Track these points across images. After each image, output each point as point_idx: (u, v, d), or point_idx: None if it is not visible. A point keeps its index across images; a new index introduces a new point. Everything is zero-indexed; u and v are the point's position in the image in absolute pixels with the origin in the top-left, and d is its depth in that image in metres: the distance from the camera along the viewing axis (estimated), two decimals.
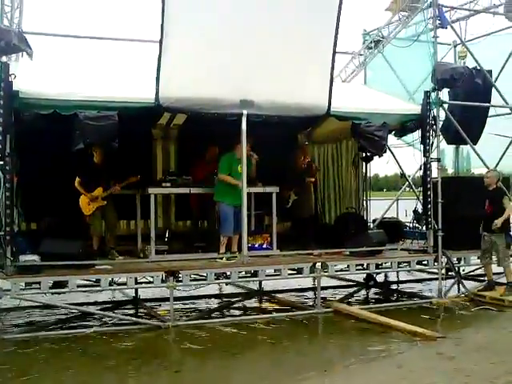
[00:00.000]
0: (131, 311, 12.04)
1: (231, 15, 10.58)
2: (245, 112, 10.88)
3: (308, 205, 13.46)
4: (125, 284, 10.65)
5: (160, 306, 12.11)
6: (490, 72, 13.61)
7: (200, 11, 10.39)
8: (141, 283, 11.13)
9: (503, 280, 12.31)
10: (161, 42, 10.18)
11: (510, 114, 14.23)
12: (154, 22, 10.22)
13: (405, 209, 15.48)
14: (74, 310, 11.27)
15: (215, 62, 10.55)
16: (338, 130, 14.54)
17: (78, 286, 10.37)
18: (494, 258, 12.24)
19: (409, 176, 14.22)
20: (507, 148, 14.48)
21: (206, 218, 13.29)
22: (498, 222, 11.75)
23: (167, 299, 10.74)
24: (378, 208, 15.74)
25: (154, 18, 10.26)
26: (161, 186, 12.02)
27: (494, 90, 13.67)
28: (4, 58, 10.29)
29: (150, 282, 10.79)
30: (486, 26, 14.99)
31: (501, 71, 14.42)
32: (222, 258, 11.39)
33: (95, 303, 12.36)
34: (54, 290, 10.17)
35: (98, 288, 10.53)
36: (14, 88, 9.75)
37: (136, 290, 12.26)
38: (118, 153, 10.72)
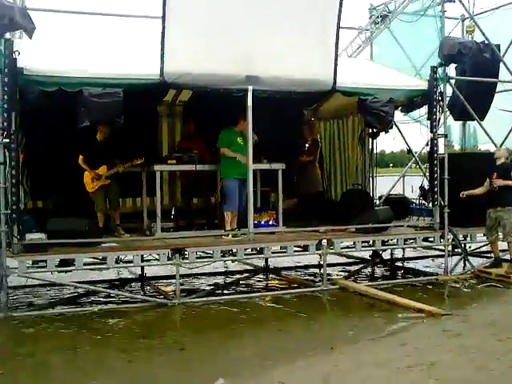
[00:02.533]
0: (137, 289, 12.08)
1: None
2: (250, 87, 10.82)
3: (314, 181, 13.40)
4: (131, 262, 10.69)
5: (168, 283, 12.11)
6: (498, 46, 13.42)
7: None
8: (147, 261, 11.18)
9: (509, 256, 12.27)
10: (163, 17, 10.11)
11: None
12: None
13: (411, 185, 15.39)
14: (80, 289, 11.33)
15: (220, 38, 10.50)
16: (344, 106, 14.48)
17: (85, 264, 10.36)
18: (501, 234, 12.20)
19: (415, 152, 14.15)
20: None
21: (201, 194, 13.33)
22: (498, 181, 11.67)
23: (173, 277, 10.77)
24: (384, 184, 15.68)
25: None
26: (166, 162, 11.98)
27: (502, 64, 13.51)
28: (8, 35, 10.21)
29: (156, 260, 10.81)
30: (494, 0, 14.79)
31: (509, 46, 14.25)
32: (228, 235, 11.38)
33: (102, 281, 12.37)
34: (60, 268, 10.20)
35: (104, 266, 10.52)
36: (18, 65, 9.68)
37: (142, 268, 12.29)
38: (123, 130, 10.69)
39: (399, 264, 14.62)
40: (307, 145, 13.38)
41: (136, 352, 8.07)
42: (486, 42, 13.15)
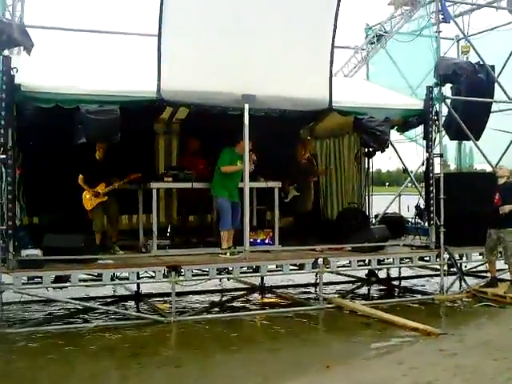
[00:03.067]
0: (133, 306, 12.04)
1: (232, 9, 10.58)
2: (246, 106, 10.84)
3: (308, 200, 13.43)
4: (127, 279, 10.66)
5: (164, 301, 12.10)
6: (492, 67, 13.53)
7: (200, 4, 10.41)
8: (143, 278, 11.15)
9: (505, 276, 12.28)
10: (159, 35, 10.18)
11: None
12: (154, 15, 10.20)
13: (407, 204, 15.43)
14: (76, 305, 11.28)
15: (217, 56, 10.57)
16: (340, 125, 14.51)
17: (80, 281, 10.36)
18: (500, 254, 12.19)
19: (411, 171, 14.21)
20: (510, 144, 14.44)
21: (197, 212, 13.33)
22: (507, 207, 11.61)
23: (169, 294, 10.73)
24: (380, 203, 15.72)
25: (153, 11, 10.24)
26: (163, 180, 11.99)
27: (496, 85, 13.60)
28: (6, 52, 10.25)
29: (152, 277, 10.79)
30: (489, 21, 14.94)
31: (504, 66, 14.39)
32: (225, 254, 11.36)
33: (97, 298, 12.35)
34: (56, 285, 10.17)
35: (100, 282, 10.51)
36: (15, 82, 9.72)
37: (138, 285, 12.27)
38: (119, 147, 10.71)
39: (395, 283, 14.59)
40: (306, 164, 13.43)
41: (131, 369, 8.04)
42: (481, 62, 13.25)
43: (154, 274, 10.62)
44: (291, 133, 14.70)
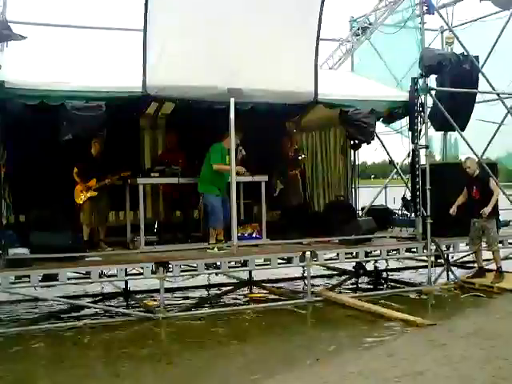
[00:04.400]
0: (122, 303, 12.02)
1: (217, 3, 10.56)
2: (232, 100, 10.82)
3: (296, 193, 13.45)
4: (115, 276, 10.63)
5: (152, 297, 12.09)
6: (477, 58, 13.58)
7: (184, 2, 10.41)
8: (131, 275, 11.12)
9: (493, 266, 12.36)
10: (145, 30, 10.13)
11: (497, 100, 14.22)
12: (139, 10, 10.16)
13: (393, 196, 15.48)
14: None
15: (202, 51, 10.54)
16: (326, 118, 14.50)
17: (69, 279, 10.31)
18: (484, 244, 12.28)
19: (397, 163, 14.26)
20: (495, 134, 14.52)
21: (183, 207, 13.31)
22: (486, 210, 11.73)
23: (158, 290, 10.72)
24: (366, 195, 15.78)
25: (139, 6, 10.20)
26: (149, 176, 11.96)
27: (481, 76, 13.66)
28: None
29: (140, 274, 10.76)
30: (472, 12, 14.99)
31: (488, 57, 14.42)
32: (213, 248, 11.36)
33: (86, 295, 12.34)
34: (44, 283, 10.11)
35: (88, 280, 10.49)
36: None
37: (126, 282, 12.23)
38: (105, 143, 10.66)
39: (383, 275, 14.65)
40: (292, 157, 13.44)
41: (122, 366, 8.04)
42: (465, 53, 13.28)
43: (142, 271, 10.58)
44: (277, 126, 14.71)
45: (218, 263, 11.01)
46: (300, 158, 13.96)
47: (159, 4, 10.09)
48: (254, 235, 12.21)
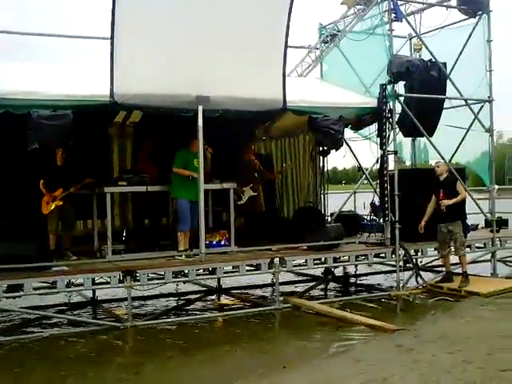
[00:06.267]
0: (89, 312, 11.91)
1: (184, 11, 10.53)
2: (200, 108, 10.81)
3: (260, 200, 13.44)
4: (82, 285, 10.53)
5: (120, 306, 12.02)
6: (444, 64, 13.73)
7: (152, 8, 10.34)
8: (98, 284, 11.02)
9: (460, 270, 12.42)
10: (112, 38, 10.08)
11: (464, 105, 14.34)
12: (107, 18, 10.10)
13: (363, 202, 15.53)
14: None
15: (170, 58, 10.54)
16: (295, 125, 14.51)
17: (34, 289, 10.20)
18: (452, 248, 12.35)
19: (366, 169, 14.30)
20: (463, 139, 14.61)
21: (151, 216, 13.25)
22: (446, 202, 11.85)
23: (125, 299, 10.64)
24: (336, 201, 15.81)
25: (106, 14, 10.13)
26: (117, 184, 11.89)
27: (449, 82, 13.77)
28: None
29: (107, 283, 10.67)
30: (440, 19, 15.07)
31: (455, 64, 14.51)
32: (181, 256, 11.31)
33: (52, 306, 12.17)
34: (8, 294, 9.96)
35: (54, 290, 10.37)
36: None
37: (94, 291, 12.14)
38: (74, 152, 10.58)
39: (352, 280, 14.67)
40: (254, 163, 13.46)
41: (87, 377, 7.94)
42: (433, 59, 13.39)
43: (109, 280, 10.50)
44: (247, 134, 14.70)
45: (186, 271, 10.96)
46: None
47: (126, 12, 10.03)
48: (222, 243, 12.16)
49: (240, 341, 9.53)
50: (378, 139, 12.85)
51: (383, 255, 12.89)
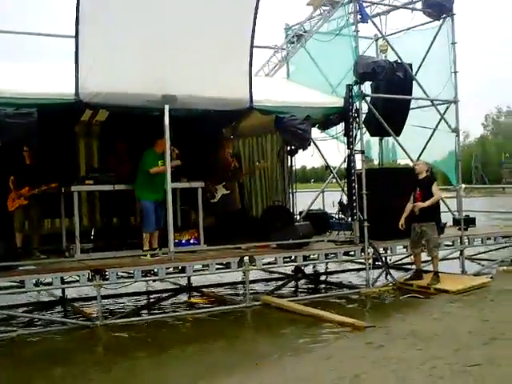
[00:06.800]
0: (59, 312, 11.81)
1: (150, 9, 10.51)
2: (167, 107, 10.78)
3: (235, 199, 13.44)
4: (51, 284, 10.42)
5: (90, 305, 11.92)
6: (410, 65, 13.91)
7: (118, 4, 10.31)
8: (67, 283, 10.91)
9: (430, 268, 12.55)
10: (76, 37, 10.01)
11: (430, 106, 14.49)
12: (71, 17, 10.01)
13: (331, 200, 15.61)
14: None
15: (135, 57, 10.48)
16: (262, 124, 14.51)
17: (1, 289, 10.08)
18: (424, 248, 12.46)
19: (334, 168, 14.38)
20: (429, 139, 14.76)
21: (119, 214, 13.20)
22: (420, 205, 11.94)
23: (95, 298, 10.54)
24: (305, 200, 15.87)
25: (70, 12, 10.04)
26: (84, 183, 11.79)
27: (414, 83, 13.92)
28: None
29: (76, 281, 10.57)
30: (405, 21, 15.22)
31: (421, 65, 14.66)
32: (146, 255, 11.27)
33: (21, 305, 12.05)
34: None
35: (22, 290, 10.26)
36: None
37: (63, 290, 12.03)
38: (39, 150, 10.46)
39: (322, 278, 14.73)
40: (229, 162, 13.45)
41: (56, 377, 7.89)
42: (399, 61, 13.53)
43: (78, 279, 10.40)
44: (214, 133, 14.67)
45: (156, 270, 10.91)
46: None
47: (91, 9, 9.96)
48: (191, 241, 12.13)
49: (210, 339, 9.48)
50: (345, 139, 12.91)
51: (352, 253, 12.93)
